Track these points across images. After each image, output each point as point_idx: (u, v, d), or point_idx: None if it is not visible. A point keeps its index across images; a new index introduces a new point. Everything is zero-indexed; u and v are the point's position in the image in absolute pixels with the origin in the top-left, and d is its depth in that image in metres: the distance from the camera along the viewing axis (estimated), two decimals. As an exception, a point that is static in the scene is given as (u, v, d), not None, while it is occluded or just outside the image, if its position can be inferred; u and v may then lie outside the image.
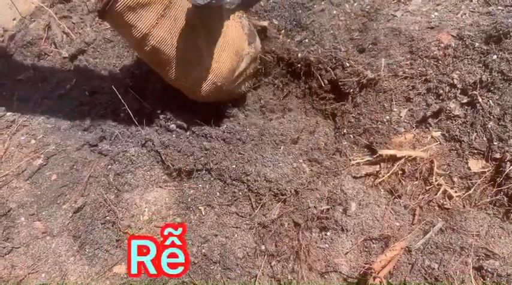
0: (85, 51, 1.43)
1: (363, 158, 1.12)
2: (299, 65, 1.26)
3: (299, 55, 1.25)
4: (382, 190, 1.07)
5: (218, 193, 1.10)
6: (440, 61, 1.12)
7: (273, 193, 1.08)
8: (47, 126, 1.26)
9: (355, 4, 1.31)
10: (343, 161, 1.13)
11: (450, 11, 1.24)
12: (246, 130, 1.15)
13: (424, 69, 1.13)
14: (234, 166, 1.10)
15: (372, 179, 1.09)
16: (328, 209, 1.05)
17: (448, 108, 1.06)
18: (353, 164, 1.12)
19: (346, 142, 1.16)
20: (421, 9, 1.27)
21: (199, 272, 1.03)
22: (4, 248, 1.06)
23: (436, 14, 1.24)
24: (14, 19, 1.50)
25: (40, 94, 1.37)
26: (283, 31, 1.27)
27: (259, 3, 1.28)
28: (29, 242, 1.07)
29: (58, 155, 1.21)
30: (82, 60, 1.42)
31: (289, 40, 1.26)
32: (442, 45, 1.13)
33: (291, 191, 1.08)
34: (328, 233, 1.02)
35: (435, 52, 1.13)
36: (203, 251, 1.04)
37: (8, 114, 1.31)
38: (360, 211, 1.03)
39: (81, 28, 1.47)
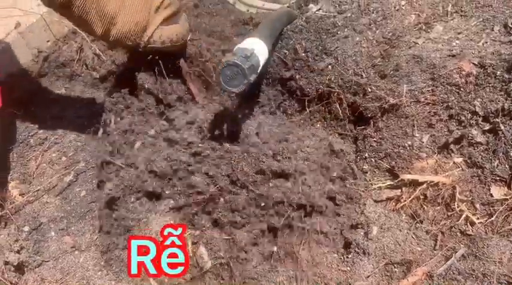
0: (114, 72, 1.49)
1: (384, 183, 1.14)
2: (322, 89, 1.29)
3: (322, 79, 1.28)
4: (403, 214, 1.09)
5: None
6: (462, 89, 1.14)
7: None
8: (77, 143, 1.32)
9: (377, 31, 1.34)
10: (364, 184, 1.15)
11: (471, 40, 1.27)
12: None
13: (446, 95, 1.15)
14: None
15: (394, 203, 1.11)
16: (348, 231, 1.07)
17: (470, 134, 1.08)
18: (374, 188, 1.14)
19: (367, 166, 1.18)
20: (442, 37, 1.30)
21: None
22: (34, 261, 1.10)
23: (457, 42, 1.27)
24: (48, 41, 1.58)
25: (71, 113, 1.43)
26: (309, 54, 1.31)
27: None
28: (58, 256, 1.11)
29: (87, 173, 1.26)
30: (111, 80, 1.48)
31: (314, 65, 1.29)
32: (464, 72, 1.15)
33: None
34: (350, 256, 1.04)
35: (457, 80, 1.15)
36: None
37: (41, 131, 1.37)
38: (382, 235, 1.05)
39: (112, 50, 1.54)
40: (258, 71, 1.07)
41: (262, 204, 1.10)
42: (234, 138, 1.18)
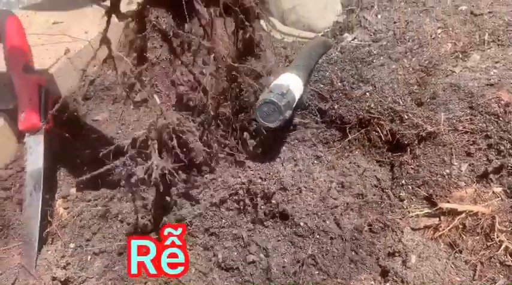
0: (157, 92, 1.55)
1: (422, 211, 1.14)
2: (362, 115, 1.31)
3: (361, 106, 1.30)
4: (442, 243, 1.08)
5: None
6: (500, 118, 1.14)
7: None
8: (121, 164, 1.37)
9: (413, 59, 1.36)
10: (401, 212, 1.16)
11: (509, 69, 1.27)
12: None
13: (485, 125, 1.15)
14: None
15: (432, 232, 1.11)
16: (385, 259, 1.07)
17: (509, 164, 1.08)
18: (412, 216, 1.14)
19: (404, 193, 1.19)
20: (480, 66, 1.31)
21: None
22: (79, 277, 1.14)
23: (495, 71, 1.27)
24: (94, 66, 1.66)
25: (114, 134, 1.49)
26: (345, 83, 1.33)
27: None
28: (102, 272, 1.15)
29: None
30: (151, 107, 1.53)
31: (351, 93, 1.31)
32: (503, 102, 1.15)
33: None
34: (388, 284, 1.04)
35: (495, 109, 1.15)
36: None
37: (87, 151, 1.44)
38: (420, 264, 1.04)
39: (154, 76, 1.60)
40: (294, 106, 1.11)
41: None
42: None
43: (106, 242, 1.19)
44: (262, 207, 1.16)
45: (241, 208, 1.18)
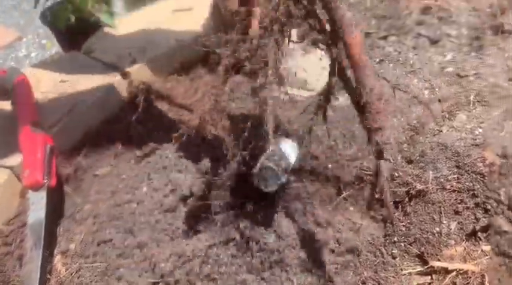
0: (157, 148, 1.60)
1: (414, 268, 1.16)
2: (355, 173, 1.36)
3: (354, 164, 1.35)
4: (434, 302, 1.10)
5: None
6: (486, 178, 1.19)
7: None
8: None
9: (402, 119, 1.43)
10: (394, 270, 1.18)
11: (494, 129, 1.33)
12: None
13: (472, 184, 1.20)
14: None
15: (424, 290, 1.13)
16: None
17: (496, 223, 1.12)
18: (404, 274, 1.16)
19: (396, 251, 1.22)
20: (466, 126, 1.37)
21: None
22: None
23: (480, 130, 1.34)
24: (97, 120, 1.73)
25: (114, 189, 1.54)
26: (338, 142, 1.39)
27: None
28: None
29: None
30: (151, 161, 1.58)
31: (344, 152, 1.37)
32: (487, 162, 1.21)
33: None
34: None
35: (481, 169, 1.20)
36: None
37: (87, 206, 1.47)
38: (414, 323, 1.06)
39: (156, 130, 1.67)
40: (290, 169, 1.18)
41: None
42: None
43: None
44: (258, 253, 1.18)
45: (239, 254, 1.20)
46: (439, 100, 1.49)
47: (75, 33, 2.27)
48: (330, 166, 1.38)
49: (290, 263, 1.17)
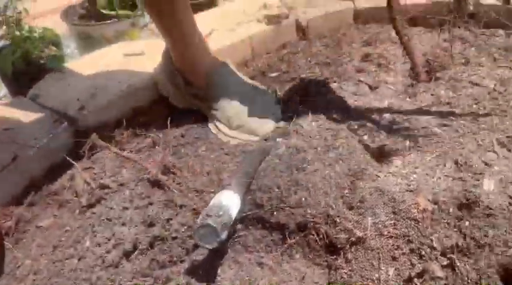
0: (103, 198, 1.58)
1: (355, 316, 1.19)
2: (300, 220, 1.38)
3: (299, 211, 1.38)
4: None
5: None
6: (420, 223, 1.25)
7: None
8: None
9: (343, 164, 1.49)
10: (337, 318, 1.20)
11: (427, 174, 1.41)
12: None
13: (407, 229, 1.25)
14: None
15: None
16: None
17: (430, 269, 1.17)
18: (346, 322, 1.18)
19: (340, 298, 1.24)
20: (401, 171, 1.45)
21: None
22: None
23: (414, 176, 1.41)
24: (41, 170, 1.69)
25: (56, 242, 1.49)
26: (283, 189, 1.42)
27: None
28: None
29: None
30: (96, 212, 1.56)
31: (289, 199, 1.40)
32: (420, 208, 1.27)
33: None
34: None
35: (415, 215, 1.26)
36: None
37: (27, 262, 1.42)
38: None
39: (101, 178, 1.65)
40: (231, 224, 1.19)
41: None
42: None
43: None
44: None
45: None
46: (378, 146, 1.57)
47: (23, 77, 2.24)
48: (275, 213, 1.41)
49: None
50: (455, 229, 1.20)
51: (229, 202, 1.19)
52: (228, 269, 1.28)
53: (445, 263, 1.16)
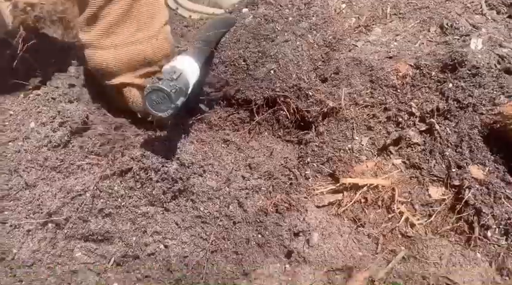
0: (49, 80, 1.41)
1: (326, 188, 1.12)
2: (268, 94, 1.26)
3: (267, 85, 1.24)
4: (345, 218, 1.07)
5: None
6: (399, 90, 1.14)
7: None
8: None
9: (318, 35, 1.33)
10: (306, 190, 1.13)
11: (409, 41, 1.28)
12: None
13: (384, 97, 1.15)
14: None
15: (335, 208, 1.09)
16: (290, 240, 1.04)
17: (407, 136, 1.08)
18: (316, 194, 1.11)
19: (309, 171, 1.16)
20: (381, 39, 1.30)
21: None
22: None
23: (395, 43, 1.28)
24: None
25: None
26: (249, 62, 1.27)
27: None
28: None
29: None
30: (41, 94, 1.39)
31: (256, 72, 1.25)
32: (400, 74, 1.15)
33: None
34: (291, 265, 1.01)
35: (394, 81, 1.15)
36: None
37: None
38: (323, 241, 1.02)
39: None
40: (189, 92, 1.04)
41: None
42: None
43: None
44: (158, 183, 1.07)
45: (137, 186, 1.08)
46: (356, 15, 1.40)
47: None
48: (241, 88, 1.27)
49: (196, 191, 1.08)
50: (436, 93, 1.09)
51: (184, 67, 1.04)
52: (189, 145, 1.16)
53: (423, 128, 1.08)
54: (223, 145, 1.24)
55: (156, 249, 1.04)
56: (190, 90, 1.06)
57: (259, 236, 1.07)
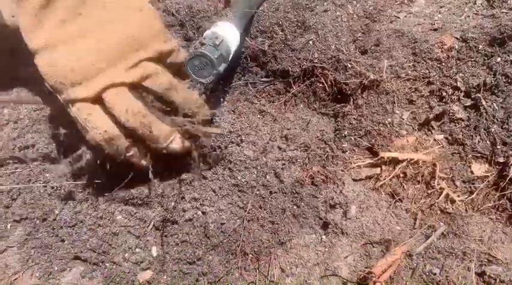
0: None
1: (363, 161, 1.10)
2: (306, 65, 1.23)
3: (305, 55, 1.22)
4: (383, 193, 1.06)
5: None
6: (443, 64, 1.10)
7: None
8: None
9: (358, 5, 1.29)
10: (343, 164, 1.12)
11: (454, 13, 1.23)
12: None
13: (427, 71, 1.11)
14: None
15: (373, 182, 1.08)
16: (326, 212, 1.04)
17: (451, 110, 1.05)
18: (353, 167, 1.10)
19: (346, 144, 1.15)
20: (424, 11, 1.26)
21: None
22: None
23: (439, 15, 1.23)
24: None
25: None
26: (287, 32, 1.24)
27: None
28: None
29: None
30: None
31: (294, 43, 1.23)
32: (445, 47, 1.11)
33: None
34: (328, 237, 1.01)
35: (438, 55, 1.11)
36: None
37: None
38: (360, 214, 1.02)
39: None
40: (230, 59, 1.02)
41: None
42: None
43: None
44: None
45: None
46: (399, -15, 1.35)
47: None
48: (278, 58, 1.25)
49: (234, 160, 1.08)
50: (483, 67, 1.05)
51: (225, 33, 1.02)
52: (226, 114, 1.16)
53: (468, 103, 1.05)
54: (259, 116, 1.24)
55: (194, 215, 1.05)
56: (231, 56, 1.05)
57: (295, 207, 1.07)
